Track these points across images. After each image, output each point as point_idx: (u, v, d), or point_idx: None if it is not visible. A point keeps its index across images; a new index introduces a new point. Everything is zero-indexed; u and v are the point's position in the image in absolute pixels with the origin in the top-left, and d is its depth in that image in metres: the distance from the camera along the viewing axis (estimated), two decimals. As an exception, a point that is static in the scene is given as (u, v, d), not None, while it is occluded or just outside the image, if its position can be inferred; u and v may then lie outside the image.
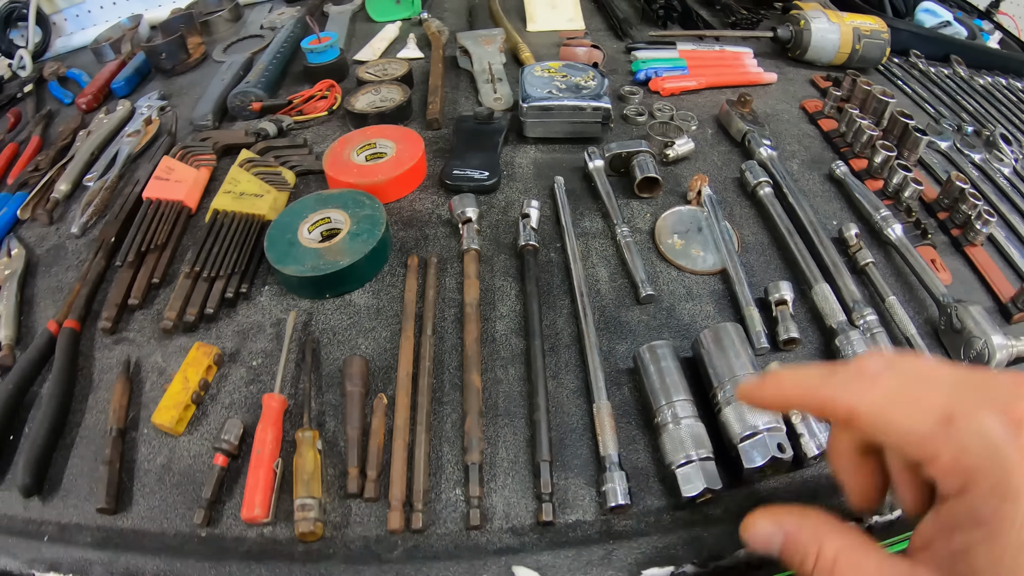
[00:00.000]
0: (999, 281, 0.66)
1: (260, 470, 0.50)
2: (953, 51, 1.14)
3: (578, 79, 0.85)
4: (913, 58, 1.11)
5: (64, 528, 0.51)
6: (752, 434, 0.47)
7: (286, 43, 1.05)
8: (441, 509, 0.49)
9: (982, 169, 0.84)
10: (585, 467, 0.51)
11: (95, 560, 0.48)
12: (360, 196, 0.69)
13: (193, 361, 0.59)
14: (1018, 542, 0.26)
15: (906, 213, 0.72)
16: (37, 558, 0.49)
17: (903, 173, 0.73)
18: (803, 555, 0.33)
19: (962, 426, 0.28)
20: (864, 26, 1.00)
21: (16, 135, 1.03)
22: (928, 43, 1.14)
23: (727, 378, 0.51)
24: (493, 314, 0.62)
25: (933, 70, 1.08)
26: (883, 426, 0.31)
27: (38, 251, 0.78)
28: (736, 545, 0.45)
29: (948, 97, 1.02)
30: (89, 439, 0.57)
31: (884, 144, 0.77)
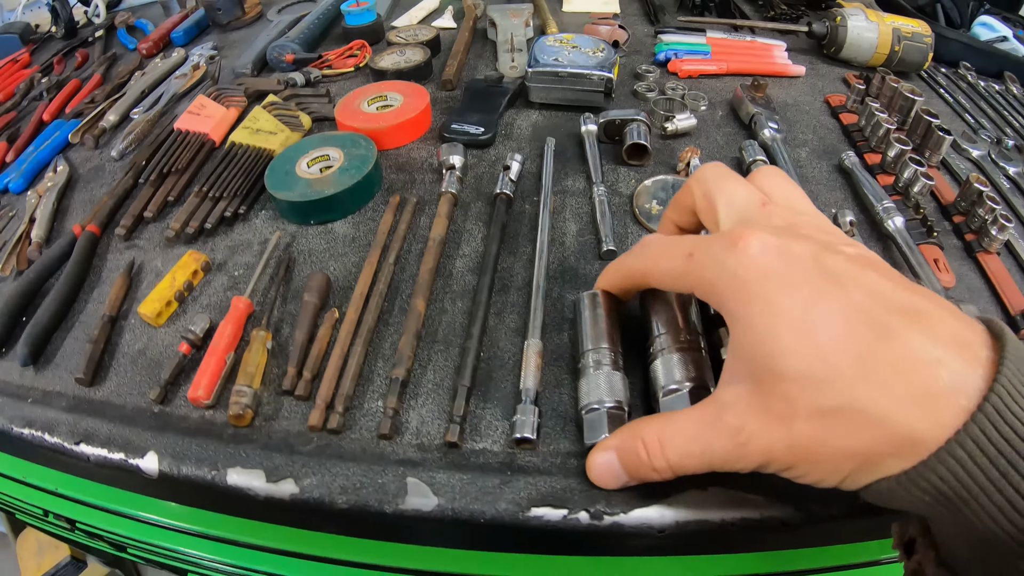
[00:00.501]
0: (1010, 292, 0.62)
1: (212, 358, 0.55)
2: (1007, 67, 1.08)
3: (588, 50, 0.87)
4: (963, 70, 1.07)
5: (46, 394, 0.57)
6: (675, 389, 0.46)
7: (331, 6, 1.11)
8: (361, 417, 0.52)
9: (1015, 182, 0.79)
10: (505, 401, 0.52)
11: (62, 421, 0.54)
12: (358, 138, 0.74)
13: (183, 265, 0.64)
14: (763, 325, 0.32)
15: (914, 209, 0.70)
16: (17, 415, 0.55)
17: (914, 167, 0.70)
18: (636, 456, 0.38)
19: (697, 255, 0.37)
20: (906, 28, 0.97)
21: (81, 72, 1.13)
22: (980, 56, 1.09)
23: (664, 330, 0.49)
24: (456, 252, 0.65)
25: (983, 84, 1.03)
26: (655, 274, 0.42)
27: (81, 170, 0.86)
28: (633, 503, 0.45)
29: (994, 111, 0.97)
30: (86, 324, 0.63)
31: (899, 138, 0.74)
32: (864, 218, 0.69)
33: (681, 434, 0.35)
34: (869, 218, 0.69)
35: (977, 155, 0.82)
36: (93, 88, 1.05)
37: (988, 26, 1.17)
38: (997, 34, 1.15)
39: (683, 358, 0.47)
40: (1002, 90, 1.03)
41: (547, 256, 0.63)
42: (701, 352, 0.48)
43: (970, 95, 1.00)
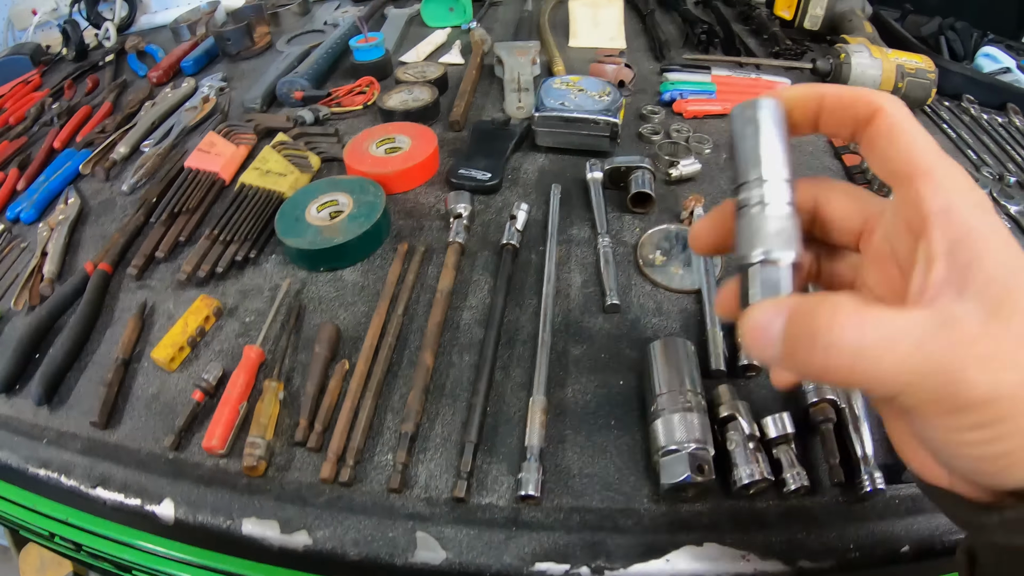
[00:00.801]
0: None
1: (226, 408, 0.56)
2: (1010, 99, 1.09)
3: (594, 93, 0.88)
4: (966, 103, 1.07)
5: (61, 435, 0.59)
6: (675, 450, 0.48)
7: (339, 40, 1.13)
8: (371, 470, 0.53)
9: (1017, 222, 0.80)
10: (510, 455, 0.54)
11: (78, 463, 0.56)
12: (367, 184, 0.75)
13: (195, 310, 0.66)
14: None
15: None
16: (33, 456, 0.58)
17: None
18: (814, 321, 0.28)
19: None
20: (909, 64, 0.99)
21: (92, 99, 1.14)
22: (983, 89, 1.10)
23: (665, 390, 0.52)
24: (463, 304, 0.67)
25: (986, 117, 1.04)
26: (901, 127, 0.30)
27: (92, 203, 0.88)
28: (633, 558, 0.47)
29: (997, 146, 0.97)
30: (99, 364, 0.65)
31: None
32: None
33: (886, 320, 0.27)
34: None
35: None
36: (104, 117, 1.07)
37: (991, 57, 1.18)
38: (1000, 65, 1.16)
39: (684, 418, 0.49)
40: (1005, 122, 1.04)
41: (552, 310, 0.64)
42: (703, 413, 0.50)
43: (973, 129, 1.01)
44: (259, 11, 1.22)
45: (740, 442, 0.49)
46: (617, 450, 0.53)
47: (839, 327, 0.27)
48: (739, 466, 0.48)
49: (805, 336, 0.28)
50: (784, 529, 0.48)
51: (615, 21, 1.21)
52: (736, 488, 0.48)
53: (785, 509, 0.49)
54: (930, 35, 1.24)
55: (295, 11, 1.34)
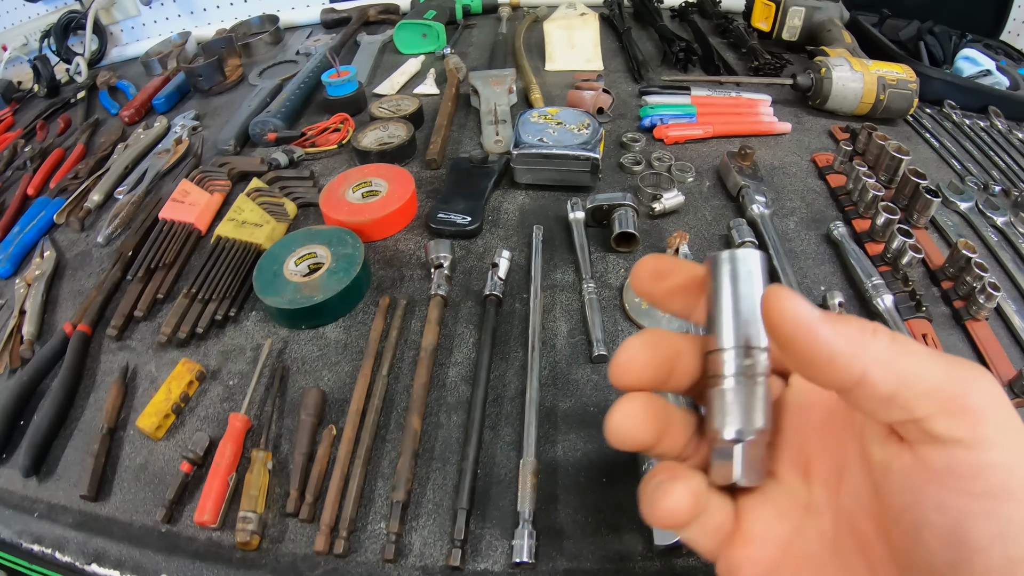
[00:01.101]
0: (999, 361, 0.63)
1: (215, 481, 0.56)
2: (991, 102, 1.09)
3: (572, 126, 0.87)
4: (947, 109, 1.08)
5: (52, 508, 0.59)
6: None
7: (311, 74, 1.11)
8: (365, 539, 0.53)
9: (1003, 233, 0.80)
10: (503, 519, 0.53)
11: (72, 539, 0.56)
12: (345, 235, 0.75)
13: (178, 375, 0.65)
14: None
15: (902, 282, 0.70)
16: (25, 530, 0.57)
17: (902, 239, 0.70)
18: (854, 330, 0.26)
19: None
20: (890, 75, 0.99)
21: (64, 140, 1.13)
22: (963, 93, 1.10)
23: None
24: (448, 360, 0.66)
25: (968, 122, 1.05)
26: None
27: (68, 255, 0.87)
28: None
29: (980, 152, 0.98)
30: (85, 432, 0.65)
31: (887, 206, 0.75)
32: (853, 293, 0.71)
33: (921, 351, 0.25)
34: (858, 293, 0.70)
35: (965, 208, 0.83)
36: (77, 160, 1.05)
37: (971, 60, 1.18)
38: (980, 68, 1.16)
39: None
40: (987, 126, 1.04)
41: (539, 364, 0.64)
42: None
43: (955, 136, 1.01)
44: (230, 43, 1.20)
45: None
46: (610, 508, 0.53)
47: (874, 339, 0.26)
48: None
49: (850, 338, 0.26)
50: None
51: (591, 42, 1.20)
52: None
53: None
54: (909, 40, 1.24)
55: (267, 41, 1.33)
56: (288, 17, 1.43)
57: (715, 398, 0.31)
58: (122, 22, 1.40)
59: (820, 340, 0.25)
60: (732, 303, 0.30)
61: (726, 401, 0.30)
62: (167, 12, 1.42)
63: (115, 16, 1.39)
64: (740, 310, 0.30)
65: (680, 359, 0.32)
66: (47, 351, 0.71)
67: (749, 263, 0.30)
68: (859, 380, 0.25)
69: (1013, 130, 1.04)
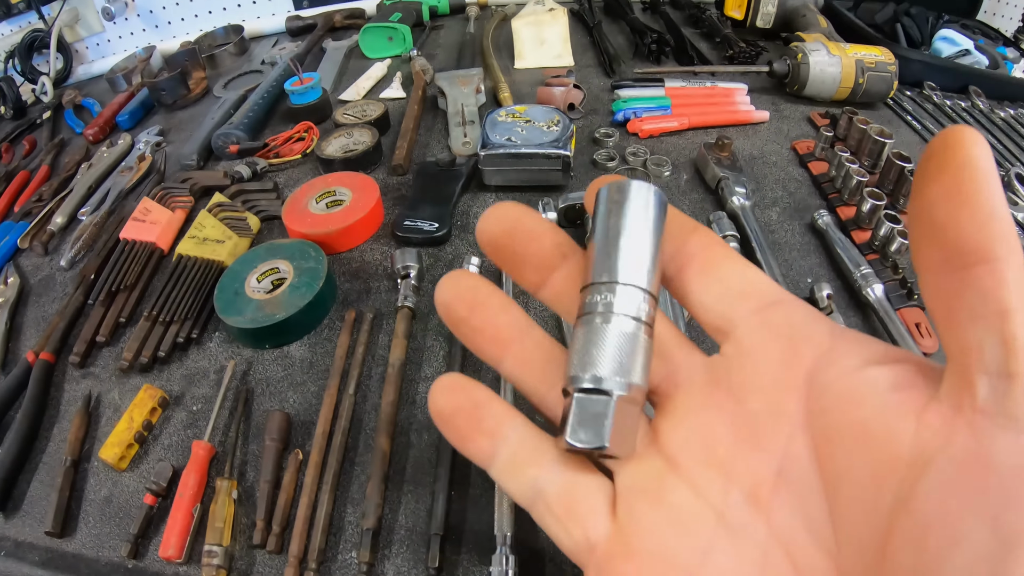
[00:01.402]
0: None
1: (179, 513, 0.54)
2: (971, 81, 1.08)
3: (542, 124, 0.85)
4: (928, 90, 1.06)
5: (18, 545, 0.57)
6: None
7: (274, 84, 1.09)
8: (336, 570, 0.51)
9: None
10: (480, 543, 0.51)
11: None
12: (307, 248, 0.72)
13: (140, 403, 0.63)
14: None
15: (892, 270, 0.68)
16: (-9, 569, 0.55)
17: (890, 225, 0.69)
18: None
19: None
20: (868, 58, 0.97)
21: (29, 162, 1.10)
22: (943, 74, 1.09)
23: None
24: (418, 375, 0.64)
25: (949, 103, 1.03)
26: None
27: (32, 280, 0.85)
28: None
29: None
30: (50, 465, 0.62)
31: (872, 192, 0.73)
32: (841, 284, 0.68)
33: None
34: (846, 284, 0.68)
35: None
36: (41, 181, 1.03)
37: (949, 40, 1.17)
38: (959, 48, 1.15)
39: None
40: (968, 106, 1.03)
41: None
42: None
43: (937, 117, 1.00)
44: (194, 55, 1.18)
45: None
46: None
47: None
48: None
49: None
50: None
51: (561, 38, 1.17)
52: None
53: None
54: (885, 22, 1.22)
55: (232, 51, 1.30)
56: (253, 27, 1.40)
57: (574, 340, 0.26)
58: (87, 39, 1.37)
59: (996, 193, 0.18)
60: (603, 232, 0.26)
61: (584, 343, 0.25)
62: (132, 27, 1.39)
63: (80, 33, 1.36)
64: (612, 240, 0.26)
65: (534, 243, 0.28)
66: (10, 382, 0.69)
67: (632, 192, 0.26)
68: (995, 262, 0.17)
69: (995, 109, 1.03)
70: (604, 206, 0.27)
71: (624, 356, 0.24)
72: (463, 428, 0.28)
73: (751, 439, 0.24)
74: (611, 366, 0.24)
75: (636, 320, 0.25)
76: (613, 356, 0.24)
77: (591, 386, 0.24)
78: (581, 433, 0.24)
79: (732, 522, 0.23)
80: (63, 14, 1.28)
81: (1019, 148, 0.94)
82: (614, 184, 0.27)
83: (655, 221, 0.26)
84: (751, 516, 0.23)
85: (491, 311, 0.29)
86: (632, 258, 0.25)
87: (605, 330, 0.24)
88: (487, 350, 0.29)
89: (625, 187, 0.26)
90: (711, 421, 0.25)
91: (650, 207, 0.26)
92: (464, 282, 0.29)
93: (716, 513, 0.23)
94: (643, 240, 0.25)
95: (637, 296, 0.25)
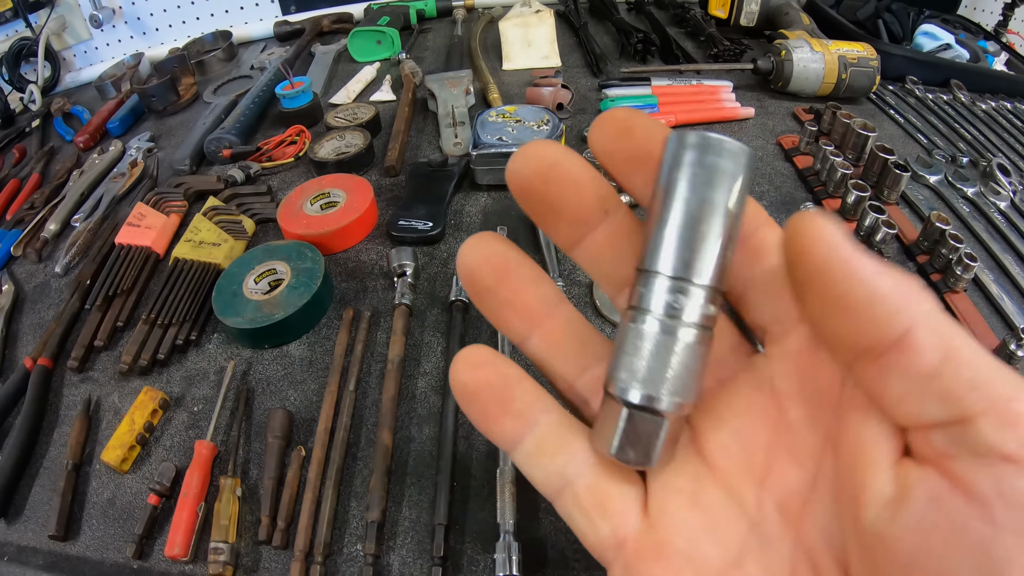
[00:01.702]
0: (981, 332, 0.62)
1: (184, 512, 0.54)
2: (953, 75, 1.10)
3: (532, 123, 0.86)
4: (910, 84, 1.08)
5: (22, 550, 0.57)
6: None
7: (265, 88, 1.10)
8: (342, 563, 0.52)
9: (975, 204, 0.80)
10: (484, 532, 0.52)
11: (43, 582, 0.54)
12: (304, 248, 0.73)
13: (140, 405, 0.64)
14: None
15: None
16: (-5, 575, 0.55)
17: (874, 215, 0.70)
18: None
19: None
20: (851, 54, 0.99)
21: (20, 170, 1.10)
22: (925, 68, 1.11)
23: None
24: (416, 371, 0.65)
25: (931, 96, 1.05)
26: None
27: (26, 288, 0.85)
28: None
29: (945, 125, 0.98)
30: (51, 470, 0.63)
31: (857, 183, 0.74)
32: None
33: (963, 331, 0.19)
34: None
35: (934, 181, 0.83)
36: (32, 190, 1.03)
37: (930, 35, 1.19)
38: (940, 42, 1.17)
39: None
40: (950, 100, 1.05)
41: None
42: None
43: (920, 111, 1.02)
44: (183, 61, 1.18)
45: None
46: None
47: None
48: None
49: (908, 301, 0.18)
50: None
51: (547, 39, 1.19)
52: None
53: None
54: (867, 19, 1.24)
55: (220, 57, 1.30)
56: (241, 32, 1.41)
57: (626, 337, 0.22)
58: (74, 47, 1.37)
59: (861, 275, 0.18)
60: (685, 209, 0.21)
61: (639, 349, 0.21)
62: (119, 34, 1.39)
63: (67, 41, 1.36)
64: (695, 223, 0.21)
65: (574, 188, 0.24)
66: (8, 388, 0.69)
67: (725, 157, 0.21)
68: (900, 338, 0.18)
69: (976, 102, 1.05)
70: (682, 169, 0.21)
71: (686, 374, 0.21)
72: (489, 407, 0.25)
73: (788, 450, 0.23)
74: (670, 386, 0.21)
75: (704, 328, 0.21)
76: (674, 375, 0.21)
77: (644, 404, 0.22)
78: (630, 452, 0.22)
79: (764, 532, 0.22)
80: (51, 22, 1.28)
81: (1000, 139, 0.96)
82: (697, 138, 0.21)
83: (740, 197, 0.21)
84: (782, 528, 0.22)
85: (522, 282, 0.25)
86: (711, 250, 0.21)
87: (667, 343, 0.21)
88: (514, 326, 0.26)
89: (714, 145, 0.21)
90: (752, 426, 0.23)
91: (739, 179, 0.21)
92: (492, 246, 0.25)
93: (749, 521, 0.23)
94: (727, 226, 0.21)
95: (709, 296, 0.21)
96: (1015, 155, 0.92)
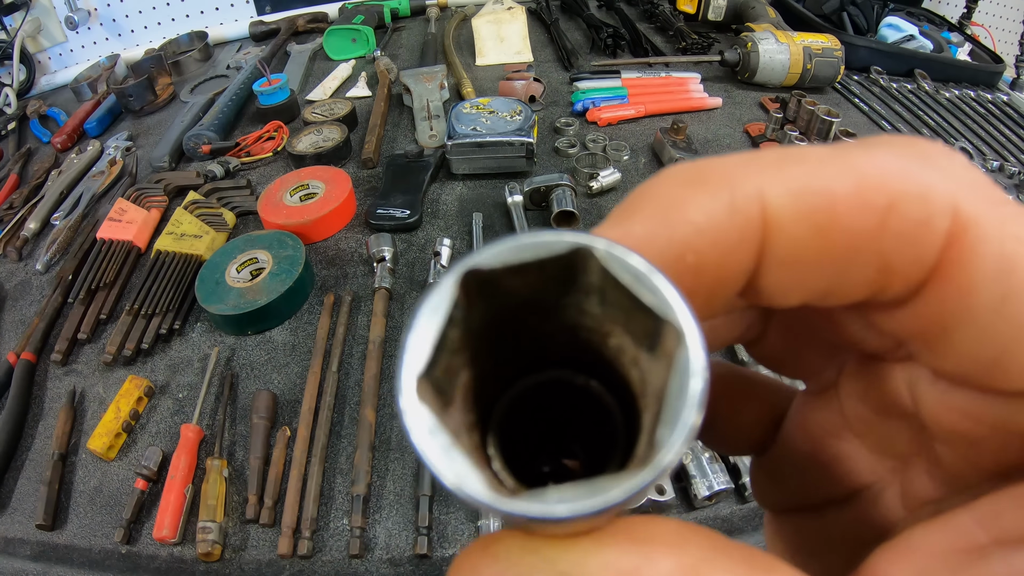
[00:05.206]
0: None
1: (171, 495, 0.56)
2: (916, 65, 1.14)
3: (505, 114, 0.88)
4: (874, 74, 1.11)
5: (9, 542, 0.58)
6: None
7: (243, 85, 1.11)
8: (329, 537, 0.53)
9: None
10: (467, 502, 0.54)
11: (32, 571, 0.55)
12: (284, 237, 0.75)
13: (126, 393, 0.65)
14: None
15: None
16: (-18, 567, 0.56)
17: None
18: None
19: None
20: (816, 45, 1.02)
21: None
22: (889, 59, 1.14)
23: None
24: (397, 350, 0.66)
25: (895, 86, 1.08)
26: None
27: (7, 286, 0.85)
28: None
29: (909, 113, 1.01)
30: (37, 462, 0.63)
31: None
32: None
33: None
34: None
35: None
36: (10, 191, 1.03)
37: (895, 27, 1.22)
38: (904, 34, 1.20)
39: None
40: (914, 88, 1.08)
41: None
42: None
43: (884, 100, 1.05)
44: (159, 62, 1.19)
45: (695, 455, 0.51)
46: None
47: None
48: (697, 479, 0.50)
49: None
50: (753, 532, 0.50)
51: (520, 35, 1.21)
52: (698, 500, 0.50)
53: (749, 512, 0.51)
54: (832, 12, 1.28)
55: (196, 57, 1.31)
56: (217, 33, 1.41)
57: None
58: (49, 49, 1.37)
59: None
60: None
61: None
62: (94, 36, 1.39)
63: (42, 44, 1.36)
64: None
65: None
66: (-8, 383, 0.70)
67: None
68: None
69: (940, 91, 1.09)
70: None
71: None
72: None
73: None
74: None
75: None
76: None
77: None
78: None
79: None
80: (25, 24, 1.28)
81: (964, 126, 1.00)
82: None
83: None
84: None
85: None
86: None
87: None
88: None
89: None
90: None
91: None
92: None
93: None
94: None
95: None
96: (978, 140, 0.96)
